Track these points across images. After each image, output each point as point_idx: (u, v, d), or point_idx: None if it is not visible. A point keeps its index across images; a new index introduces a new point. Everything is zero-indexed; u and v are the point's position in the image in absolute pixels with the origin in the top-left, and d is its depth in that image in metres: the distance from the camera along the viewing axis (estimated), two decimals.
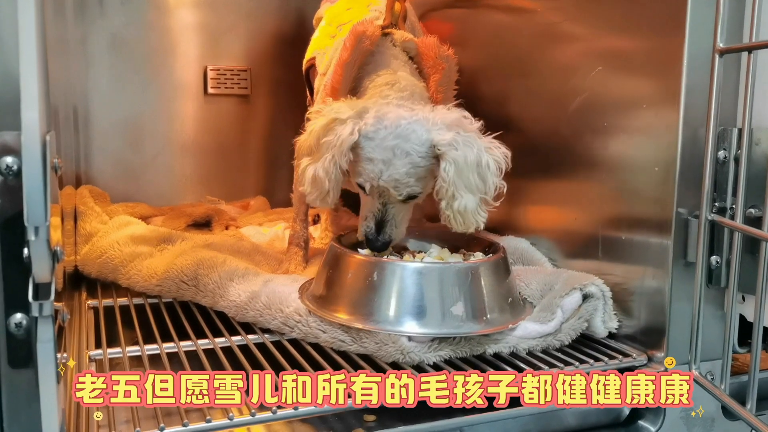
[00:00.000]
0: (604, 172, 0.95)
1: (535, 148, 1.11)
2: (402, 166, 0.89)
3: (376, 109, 0.92)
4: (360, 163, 0.92)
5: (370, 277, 0.86)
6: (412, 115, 0.91)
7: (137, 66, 1.62)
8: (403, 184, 0.91)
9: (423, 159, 0.90)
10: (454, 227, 0.91)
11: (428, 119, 0.91)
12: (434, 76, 1.10)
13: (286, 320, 0.91)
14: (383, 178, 0.90)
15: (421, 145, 0.89)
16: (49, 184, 0.54)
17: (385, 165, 0.90)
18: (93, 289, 1.17)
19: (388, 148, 0.89)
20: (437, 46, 1.10)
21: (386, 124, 0.90)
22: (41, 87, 0.55)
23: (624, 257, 0.92)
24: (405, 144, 0.89)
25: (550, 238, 1.08)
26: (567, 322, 0.90)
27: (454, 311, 0.85)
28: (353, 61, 1.05)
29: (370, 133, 0.90)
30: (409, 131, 0.89)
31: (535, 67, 1.11)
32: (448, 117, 0.91)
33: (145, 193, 1.62)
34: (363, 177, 0.92)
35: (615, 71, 0.93)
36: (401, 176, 0.90)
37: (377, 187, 0.92)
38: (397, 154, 0.89)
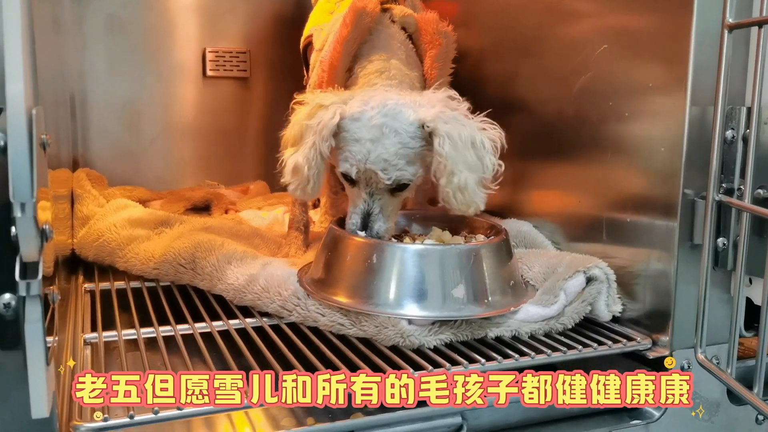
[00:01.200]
0: (609, 153, 0.93)
1: (541, 130, 1.09)
2: (391, 145, 0.87)
3: (361, 93, 0.90)
4: (346, 147, 0.88)
5: (370, 260, 0.85)
6: (399, 98, 0.89)
7: (135, 48, 1.61)
8: (392, 166, 0.87)
9: (413, 140, 0.87)
10: (455, 206, 0.87)
11: (415, 101, 0.89)
12: (431, 51, 1.08)
13: (284, 303, 0.89)
14: (371, 158, 0.87)
15: (410, 125, 0.87)
16: (36, 159, 0.52)
17: (374, 144, 0.86)
18: (90, 272, 1.16)
19: (376, 126, 0.86)
20: (436, 22, 1.08)
21: (372, 105, 0.88)
22: (27, 60, 0.53)
23: (629, 240, 0.90)
24: (394, 122, 0.87)
25: (554, 220, 1.07)
26: (570, 306, 0.88)
27: (454, 294, 0.83)
28: (353, 38, 1.03)
29: (355, 114, 0.87)
30: (397, 111, 0.87)
31: (540, 46, 1.09)
32: (433, 97, 0.90)
33: (144, 176, 1.61)
34: (349, 162, 0.88)
35: (621, 49, 0.91)
36: (390, 156, 0.87)
37: (364, 172, 0.88)
38: (385, 133, 0.86)
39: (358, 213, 0.91)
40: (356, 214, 0.91)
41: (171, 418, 0.66)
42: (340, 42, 1.02)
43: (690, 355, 0.83)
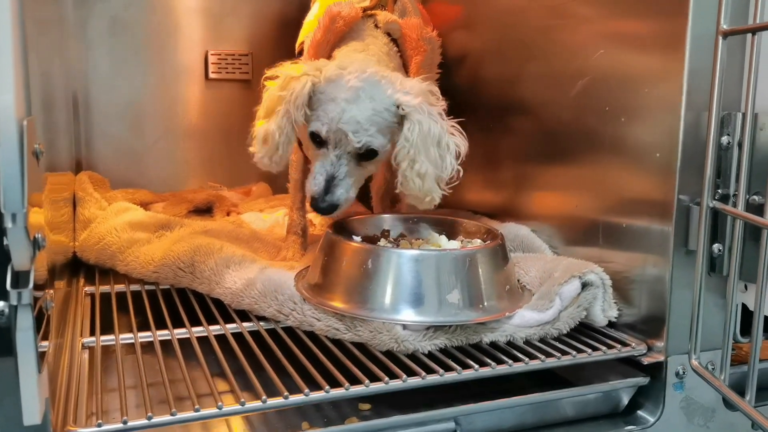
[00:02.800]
0: (606, 158, 0.93)
1: (541, 133, 1.09)
2: (366, 109, 0.87)
3: (339, 60, 0.91)
4: (320, 107, 0.89)
5: (365, 265, 0.85)
6: (379, 69, 0.90)
7: (138, 50, 1.61)
8: (363, 130, 0.88)
9: (386, 112, 0.88)
10: (412, 190, 0.88)
11: (397, 79, 0.90)
12: (416, 57, 1.09)
13: (280, 308, 0.90)
14: (344, 118, 0.87)
15: (386, 98, 0.88)
16: (27, 169, 0.53)
17: (348, 104, 0.87)
18: (91, 275, 1.16)
19: (353, 88, 0.87)
20: (420, 28, 1.09)
21: (350, 70, 0.89)
22: (18, 71, 0.53)
23: (624, 245, 0.90)
24: (371, 89, 0.87)
25: (552, 224, 1.06)
26: (565, 311, 0.88)
27: (450, 299, 0.83)
28: (326, 41, 1.04)
29: (332, 76, 0.88)
30: (375, 80, 0.88)
31: (540, 49, 1.08)
32: (416, 86, 0.90)
33: (147, 178, 1.61)
34: (321, 120, 0.88)
35: (618, 54, 0.91)
36: (363, 120, 0.87)
37: (335, 132, 0.88)
38: (361, 96, 0.87)
39: (322, 174, 0.90)
40: (320, 174, 0.90)
41: (164, 424, 0.67)
42: (314, 46, 1.04)
43: (685, 361, 0.83)
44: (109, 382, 0.81)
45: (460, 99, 1.32)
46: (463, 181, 1.33)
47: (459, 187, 1.33)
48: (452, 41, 1.35)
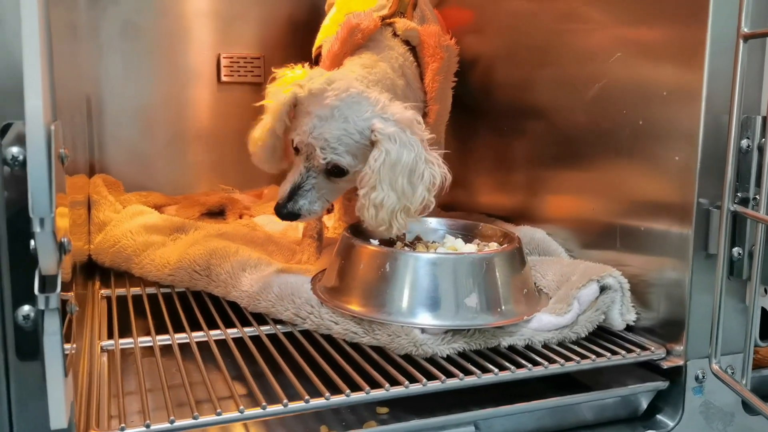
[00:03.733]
0: (623, 161, 0.93)
1: (554, 137, 1.09)
2: (336, 128, 0.89)
3: (332, 73, 0.93)
4: (299, 118, 0.92)
5: (383, 268, 0.85)
6: (364, 91, 0.91)
7: (150, 54, 1.62)
8: (330, 148, 0.89)
9: (359, 134, 0.89)
10: (366, 220, 0.89)
11: (379, 102, 0.90)
12: (432, 64, 1.09)
13: (297, 311, 0.90)
14: (314, 134, 0.89)
15: (362, 121, 0.89)
16: (54, 174, 0.53)
17: (320, 121, 0.89)
18: (107, 278, 1.17)
19: (328, 106, 0.89)
20: (438, 35, 1.09)
21: (334, 87, 0.90)
22: (45, 75, 0.54)
23: (643, 248, 0.90)
24: (346, 110, 0.89)
25: (567, 227, 1.06)
26: (584, 315, 0.88)
27: (467, 303, 0.83)
28: (343, 53, 1.05)
29: (315, 90, 0.90)
30: (355, 101, 0.89)
31: (553, 54, 1.08)
32: (401, 114, 0.90)
33: (159, 181, 1.62)
34: (296, 131, 0.92)
35: (635, 57, 0.91)
36: (331, 138, 0.89)
37: (306, 146, 0.91)
38: (334, 115, 0.89)
39: (290, 182, 0.94)
40: (288, 182, 0.94)
41: (187, 428, 0.67)
42: (330, 57, 1.06)
43: (705, 365, 0.82)
44: (129, 385, 0.81)
45: (473, 102, 1.32)
46: (475, 184, 1.34)
47: (472, 190, 1.34)
48: (464, 45, 1.35)
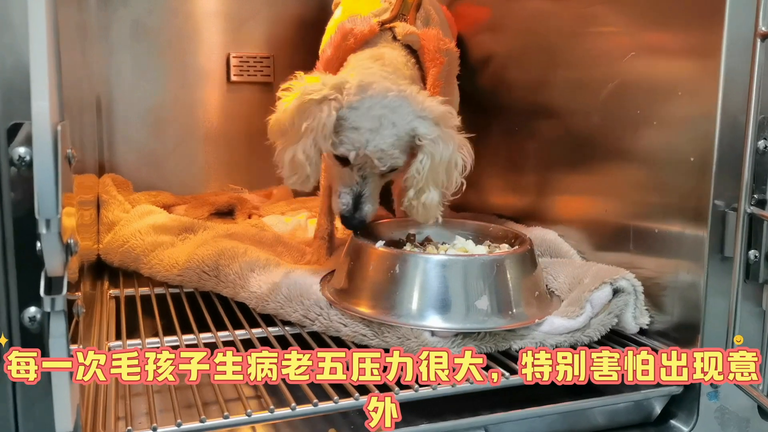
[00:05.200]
0: (637, 162, 0.92)
1: (566, 137, 1.07)
2: (389, 136, 0.89)
3: (359, 79, 0.91)
4: (343, 133, 0.90)
5: (392, 270, 0.84)
6: (399, 90, 0.91)
7: (160, 53, 1.61)
8: (387, 155, 0.90)
9: (406, 135, 0.90)
10: (413, 216, 0.94)
11: (416, 99, 0.91)
12: (433, 70, 1.09)
13: (306, 313, 0.89)
14: (369, 147, 0.89)
15: (406, 123, 0.90)
16: (61, 175, 0.52)
17: (372, 134, 0.89)
18: (115, 277, 1.17)
19: (375, 117, 0.89)
20: (437, 39, 1.08)
21: (371, 94, 0.90)
22: (53, 76, 0.53)
23: (656, 250, 0.88)
24: (392, 115, 0.89)
25: (579, 229, 1.05)
26: (596, 318, 0.86)
27: (478, 305, 0.82)
28: (336, 58, 1.05)
29: (354, 103, 0.89)
30: (396, 105, 0.90)
31: (567, 54, 1.07)
32: (436, 108, 0.91)
33: (168, 181, 1.61)
34: (345, 146, 0.90)
35: (649, 57, 0.89)
36: (387, 146, 0.89)
37: (360, 158, 0.91)
38: (383, 124, 0.89)
39: (349, 194, 0.94)
40: (347, 194, 0.94)
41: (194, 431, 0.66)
42: (323, 62, 1.06)
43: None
44: (136, 386, 0.80)
45: (484, 102, 1.31)
46: (486, 185, 1.33)
47: (483, 190, 1.33)
48: (477, 44, 1.34)
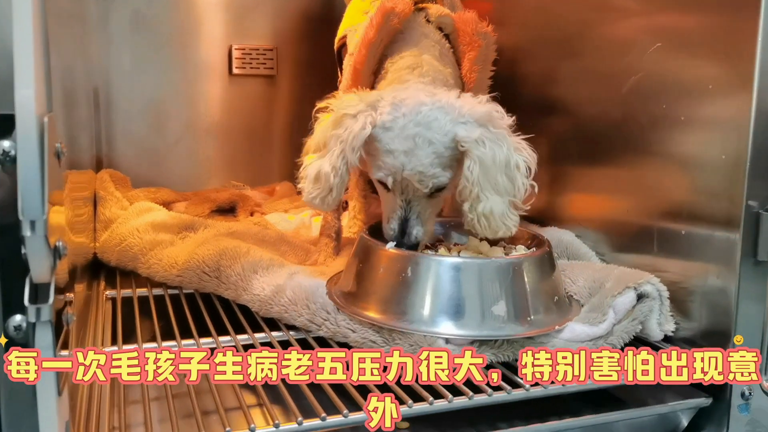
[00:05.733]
0: (662, 159, 0.87)
1: (582, 133, 1.03)
2: (425, 156, 0.83)
3: (392, 96, 0.85)
4: (379, 156, 0.85)
5: (404, 273, 0.80)
6: (434, 101, 0.84)
7: (160, 45, 1.56)
8: (428, 176, 0.84)
9: (447, 149, 0.84)
10: (480, 232, 0.85)
11: (453, 107, 0.84)
12: (469, 53, 1.03)
13: (312, 317, 0.85)
14: (406, 170, 0.83)
15: (444, 135, 0.83)
16: (48, 171, 0.48)
17: (407, 156, 0.83)
18: (112, 277, 1.12)
19: (409, 137, 0.82)
20: (475, 22, 1.03)
21: (404, 112, 0.83)
22: (39, 64, 0.48)
23: (683, 253, 0.83)
24: (427, 132, 0.82)
25: (598, 229, 1.00)
26: (619, 324, 0.82)
27: (495, 311, 0.78)
28: (379, 41, 0.99)
29: (387, 122, 0.83)
30: (431, 119, 0.83)
31: (583, 45, 1.02)
32: (477, 110, 0.84)
33: (168, 176, 1.57)
34: (383, 171, 0.85)
35: (676, 49, 0.85)
36: (425, 167, 0.83)
37: (400, 181, 0.85)
38: (418, 144, 0.82)
39: (395, 219, 0.88)
40: (394, 220, 0.88)
41: None
42: (366, 45, 0.99)
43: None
44: (131, 394, 0.76)
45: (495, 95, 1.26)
46: None
47: None
48: None
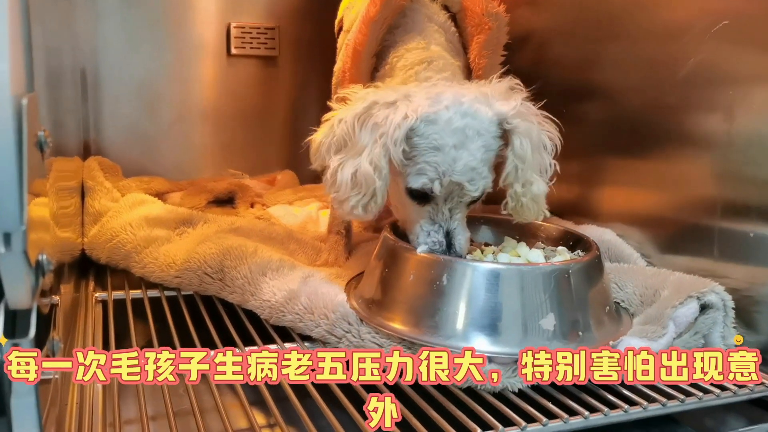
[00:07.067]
0: (725, 151, 0.78)
1: (626, 121, 0.94)
2: (477, 149, 0.73)
3: (425, 90, 0.76)
4: (420, 157, 0.73)
5: (438, 281, 0.70)
6: (470, 92, 0.75)
7: (153, 22, 1.46)
8: (479, 175, 0.74)
9: (494, 141, 0.75)
10: (526, 216, 0.77)
11: (484, 94, 0.76)
12: (478, 36, 0.94)
13: (332, 329, 0.75)
14: (457, 169, 0.72)
15: (490, 124, 0.74)
16: (27, 167, 0.38)
17: (458, 151, 0.73)
18: (103, 276, 1.02)
19: (458, 129, 0.72)
20: (485, 1, 0.94)
21: (447, 104, 0.73)
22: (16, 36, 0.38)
23: (751, 258, 0.75)
24: (475, 123, 0.73)
25: (642, 228, 0.91)
26: (679, 338, 0.73)
27: (543, 325, 0.68)
28: (382, 19, 0.89)
29: (430, 115, 0.73)
30: (475, 109, 0.74)
31: (628, 28, 0.94)
32: (498, 88, 0.77)
33: (161, 164, 1.48)
34: (428, 176, 0.73)
35: (742, 29, 0.75)
36: (478, 163, 0.73)
37: (447, 186, 0.74)
38: (469, 136, 0.73)
39: (438, 232, 0.76)
40: (437, 233, 0.76)
41: None
42: (366, 23, 0.89)
43: None
44: (127, 412, 0.68)
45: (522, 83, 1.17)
46: None
47: None
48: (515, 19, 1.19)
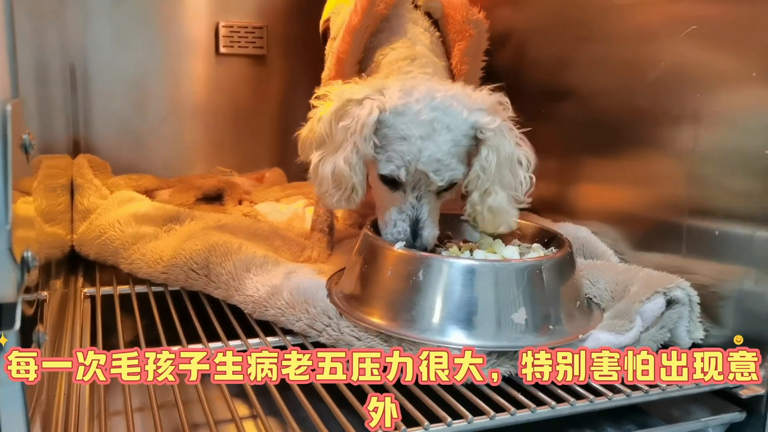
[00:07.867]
0: (694, 154, 0.80)
1: (600, 121, 0.96)
2: (444, 143, 0.76)
3: (400, 83, 0.79)
4: (389, 146, 0.77)
5: (415, 276, 0.73)
6: (447, 89, 0.78)
7: (143, 20, 1.47)
8: (445, 166, 0.77)
9: (465, 137, 0.78)
10: (481, 226, 0.81)
11: (466, 95, 0.79)
12: (459, 43, 0.97)
13: (312, 323, 0.77)
14: (422, 159, 0.76)
15: (462, 122, 0.77)
16: (11, 169, 0.40)
17: (425, 142, 0.76)
18: (91, 272, 1.04)
19: (426, 122, 0.76)
20: (465, 8, 0.97)
21: (418, 98, 0.77)
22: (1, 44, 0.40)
23: (716, 254, 0.77)
24: (445, 117, 0.76)
25: (615, 226, 0.94)
26: (646, 332, 0.75)
27: (515, 319, 0.71)
28: (364, 27, 0.92)
29: (399, 107, 0.76)
30: (447, 105, 0.77)
31: (603, 31, 0.96)
32: (487, 99, 0.79)
33: (151, 161, 1.48)
34: (395, 163, 0.77)
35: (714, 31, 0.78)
36: (443, 156, 0.76)
37: (413, 174, 0.77)
38: (437, 129, 0.76)
39: (405, 221, 0.80)
40: (403, 221, 0.80)
41: None
42: (350, 32, 0.91)
43: None
44: (113, 404, 0.70)
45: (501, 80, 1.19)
46: None
47: None
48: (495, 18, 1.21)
